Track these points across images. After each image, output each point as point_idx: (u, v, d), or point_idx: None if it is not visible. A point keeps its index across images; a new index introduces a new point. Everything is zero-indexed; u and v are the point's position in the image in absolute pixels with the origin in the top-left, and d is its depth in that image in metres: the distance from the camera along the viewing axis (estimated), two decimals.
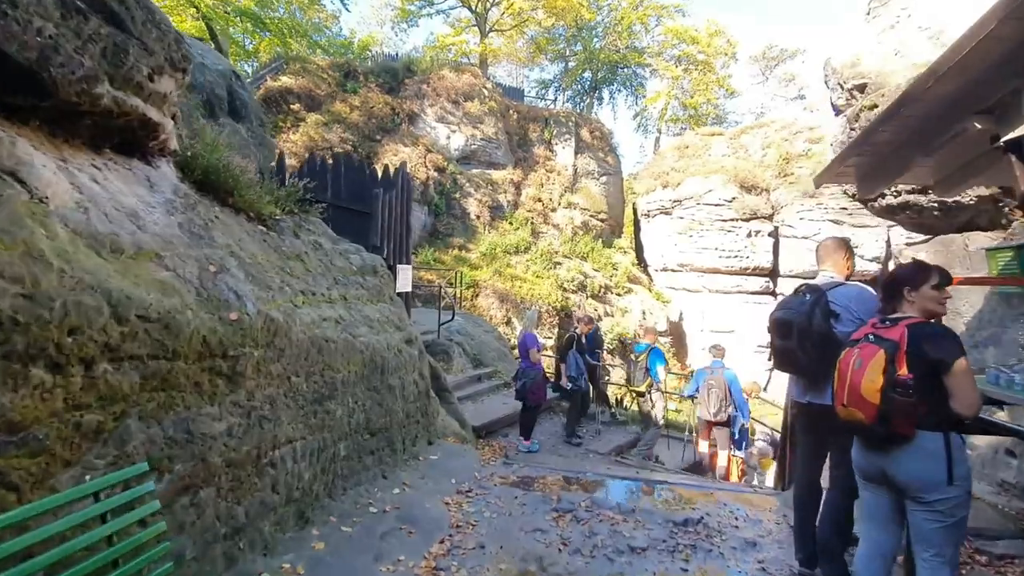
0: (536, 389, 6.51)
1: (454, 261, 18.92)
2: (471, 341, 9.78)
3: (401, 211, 5.92)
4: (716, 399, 6.60)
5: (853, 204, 21.07)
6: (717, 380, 6.74)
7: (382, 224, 5.58)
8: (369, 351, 3.98)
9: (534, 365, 6.55)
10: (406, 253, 6.11)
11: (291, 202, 4.70)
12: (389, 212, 5.71)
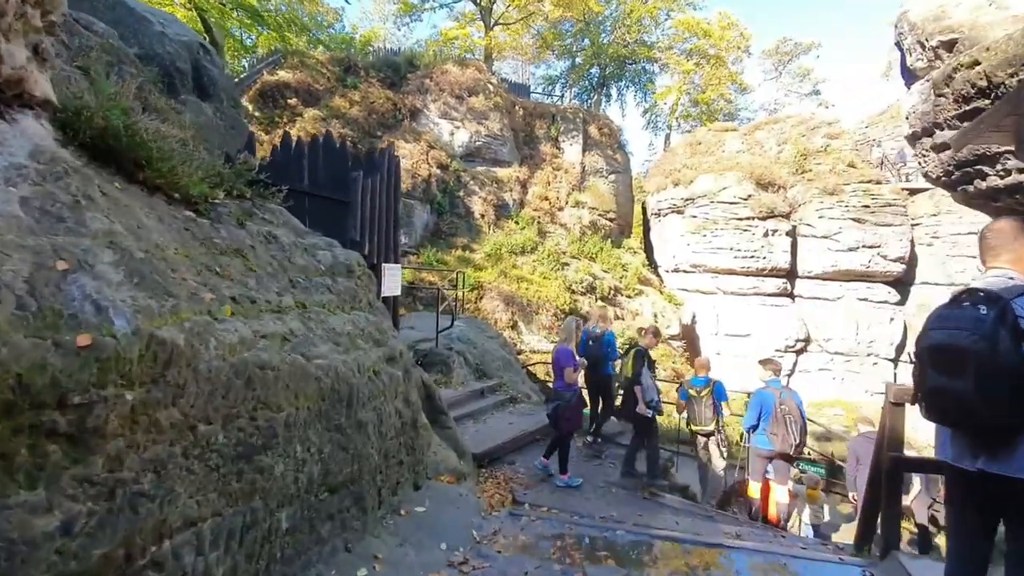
0: (571, 415, 5.48)
1: (457, 262, 17.91)
2: (473, 349, 8.75)
3: (388, 200, 4.92)
4: (795, 428, 5.47)
5: (876, 201, 19.95)
6: (790, 405, 5.55)
7: (363, 214, 4.59)
8: (331, 377, 2.95)
9: (570, 386, 5.49)
10: (394, 250, 5.09)
11: (241, 183, 3.69)
12: (372, 200, 4.71)
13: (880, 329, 20.00)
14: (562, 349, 5.64)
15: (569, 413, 5.47)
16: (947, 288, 19.73)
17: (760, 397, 5.76)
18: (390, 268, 4.96)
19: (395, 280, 5.02)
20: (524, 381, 9.02)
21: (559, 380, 5.61)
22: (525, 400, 7.71)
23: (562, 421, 5.48)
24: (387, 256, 4.92)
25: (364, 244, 4.51)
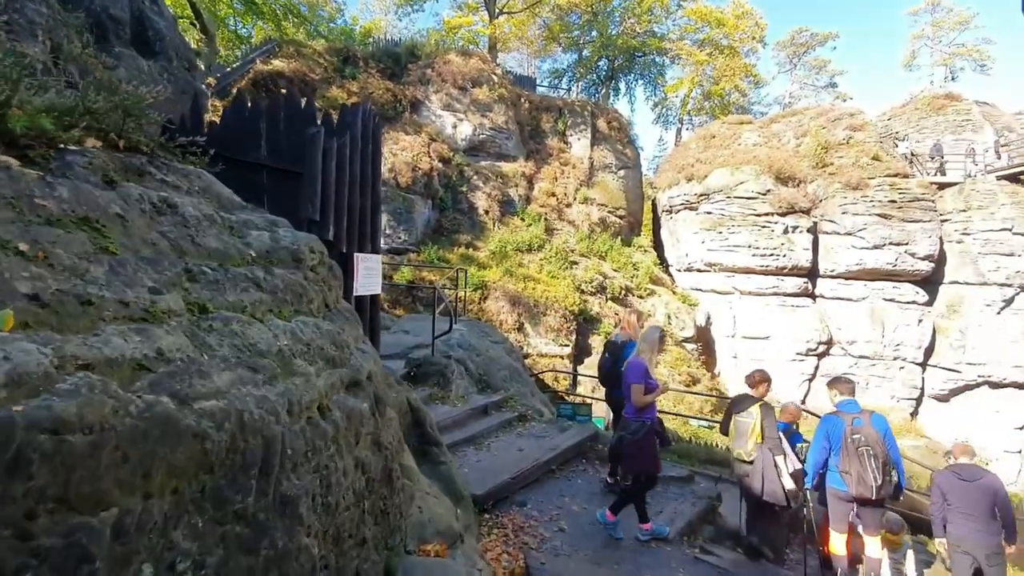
0: (640, 452, 4.20)
1: (460, 260, 16.72)
2: (475, 357, 7.54)
3: (364, 170, 3.73)
4: (875, 463, 4.13)
5: (903, 196, 18.63)
6: (868, 434, 4.20)
7: (325, 187, 3.38)
8: (228, 430, 1.74)
9: (640, 413, 4.25)
10: (372, 236, 3.86)
11: (133, 130, 2.50)
12: (340, 169, 3.51)
13: (907, 331, 18.65)
14: (634, 363, 4.31)
15: (636, 448, 4.18)
16: (979, 288, 18.40)
17: (826, 425, 4.47)
18: (366, 259, 3.77)
19: (373, 275, 3.82)
20: (534, 393, 7.80)
21: (628, 404, 4.38)
22: (536, 418, 6.49)
23: (630, 459, 4.20)
24: (362, 243, 3.72)
25: (327, 226, 3.31)
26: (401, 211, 16.22)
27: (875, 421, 4.34)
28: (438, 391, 6.32)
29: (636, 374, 4.24)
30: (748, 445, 4.50)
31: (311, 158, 3.30)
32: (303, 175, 3.29)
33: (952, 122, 20.24)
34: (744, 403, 4.67)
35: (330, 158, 3.39)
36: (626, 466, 4.31)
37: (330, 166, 3.37)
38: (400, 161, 16.65)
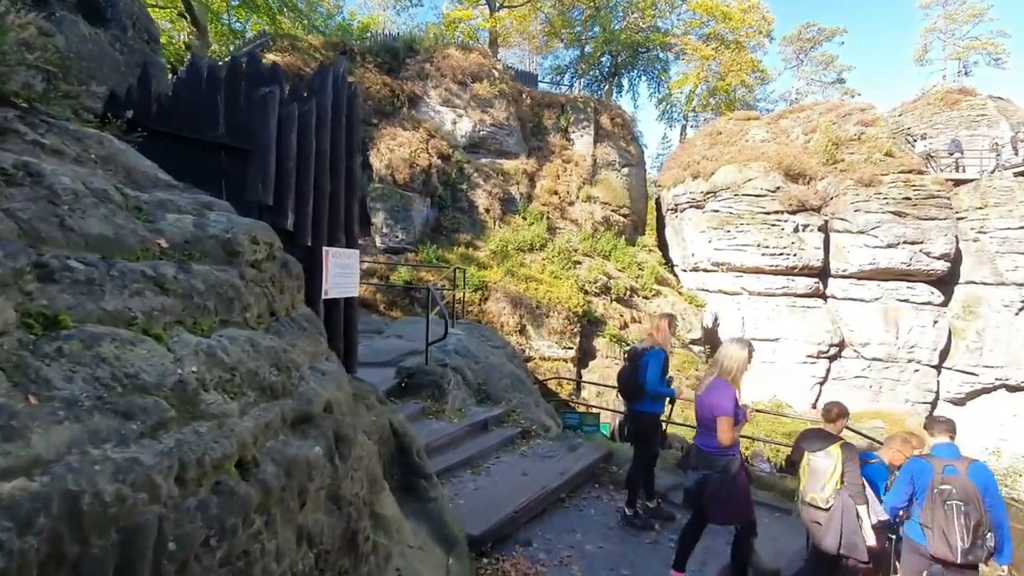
0: (740, 491, 3.52)
1: (460, 260, 16.02)
2: (474, 364, 6.84)
3: (337, 147, 3.04)
4: (964, 522, 3.39)
5: (918, 193, 17.90)
6: (962, 486, 3.48)
7: (282, 163, 2.68)
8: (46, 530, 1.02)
9: (727, 449, 3.49)
10: (347, 227, 3.15)
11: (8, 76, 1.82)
12: (304, 143, 2.83)
13: (922, 333, 17.92)
14: (717, 385, 3.54)
15: (728, 491, 3.44)
16: (996, 288, 17.67)
17: (912, 469, 3.75)
18: (340, 255, 3.07)
19: (348, 273, 3.13)
20: (538, 403, 7.10)
21: (703, 434, 3.63)
22: (541, 434, 5.79)
23: (718, 505, 3.48)
24: (334, 236, 3.02)
25: (284, 213, 2.60)
26: (398, 209, 15.53)
27: (974, 473, 3.57)
28: (432, 404, 5.63)
29: (725, 403, 3.43)
30: (826, 490, 3.76)
31: (262, 126, 2.61)
32: (250, 151, 2.60)
33: (967, 117, 19.52)
34: (820, 441, 3.92)
35: (289, 128, 2.70)
36: (716, 514, 3.52)
37: (289, 138, 2.67)
38: (397, 157, 15.96)
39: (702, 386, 3.73)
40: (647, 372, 4.54)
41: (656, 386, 4.50)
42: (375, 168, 15.91)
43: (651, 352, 4.63)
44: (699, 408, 3.68)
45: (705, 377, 3.77)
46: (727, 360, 3.61)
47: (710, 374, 3.71)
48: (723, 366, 3.61)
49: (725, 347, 3.72)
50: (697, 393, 3.74)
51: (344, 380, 2.41)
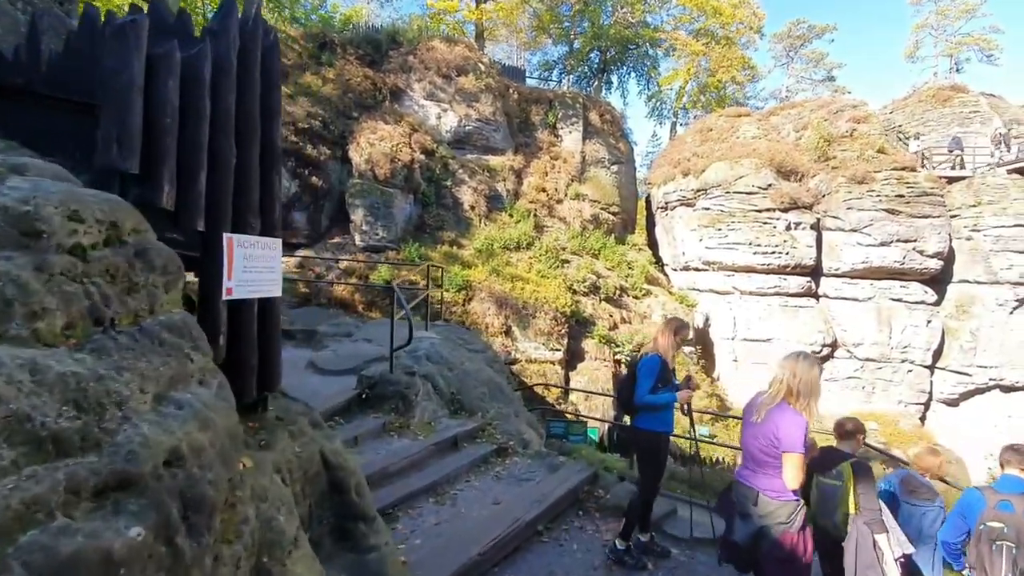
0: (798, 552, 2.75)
1: (444, 258, 15.33)
2: (448, 372, 6.16)
3: (247, 108, 2.38)
4: (1013, 569, 2.83)
5: (911, 191, 17.47)
6: (1016, 524, 2.90)
7: (154, 119, 2.02)
8: None
9: (792, 493, 2.79)
10: (264, 209, 2.45)
11: None
12: (192, 98, 2.16)
13: (915, 332, 17.50)
14: (784, 412, 2.77)
15: (787, 550, 2.72)
16: (990, 287, 17.29)
17: (966, 500, 3.13)
18: (249, 244, 2.39)
19: (263, 268, 2.44)
20: (519, 413, 6.43)
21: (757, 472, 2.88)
22: (519, 451, 5.11)
23: (771, 566, 2.78)
24: (244, 219, 2.33)
25: (158, 184, 1.90)
26: (379, 205, 14.80)
27: None
28: (395, 419, 4.94)
29: (796, 435, 2.69)
30: (836, 517, 3.14)
31: (118, 66, 1.91)
32: (105, 101, 1.91)
33: (959, 114, 19.15)
34: (831, 460, 3.30)
35: (166, 74, 2.02)
36: (772, 572, 2.81)
37: (165, 87, 1.99)
38: (378, 152, 15.23)
39: (758, 411, 2.93)
40: (638, 382, 3.93)
41: (643, 397, 3.85)
42: (354, 163, 15.17)
43: (644, 360, 4.00)
44: (752, 439, 2.90)
45: (760, 400, 2.97)
46: (797, 381, 2.78)
47: (770, 398, 2.88)
48: (791, 388, 2.78)
49: (791, 364, 2.89)
50: (752, 419, 2.95)
51: (218, 413, 1.72)
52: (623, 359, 15.75)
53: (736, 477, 3.08)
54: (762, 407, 2.91)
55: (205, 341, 1.98)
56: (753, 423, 2.94)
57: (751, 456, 2.95)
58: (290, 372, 6.72)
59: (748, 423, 3.00)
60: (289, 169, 14.11)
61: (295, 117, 14.68)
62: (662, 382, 3.85)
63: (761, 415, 2.88)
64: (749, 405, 3.11)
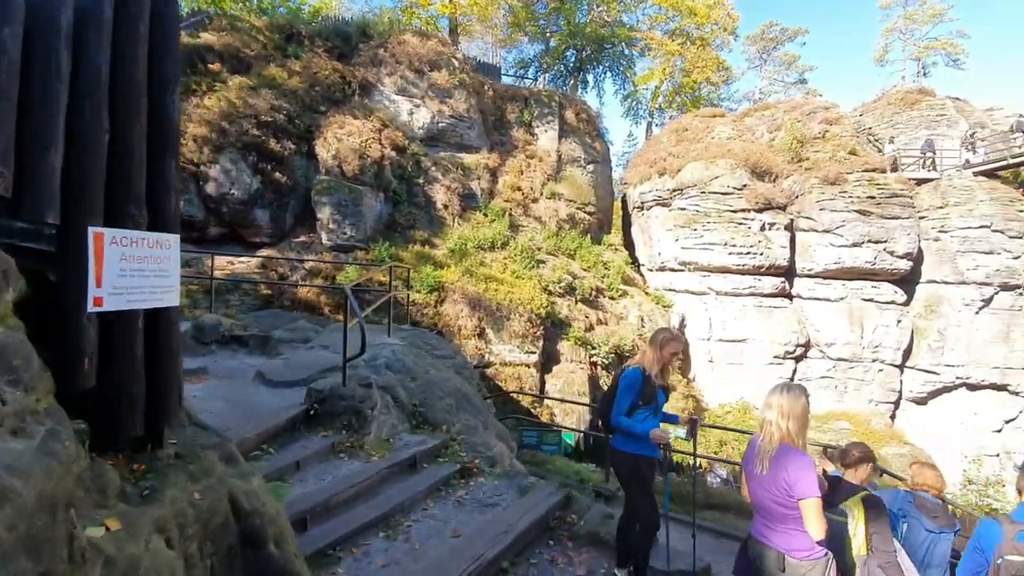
0: None
1: (416, 258, 14.76)
2: (410, 382, 5.66)
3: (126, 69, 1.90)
4: None
5: (882, 192, 17.58)
6: None
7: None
8: None
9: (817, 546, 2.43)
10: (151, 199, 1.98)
11: None
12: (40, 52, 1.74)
13: (886, 332, 17.63)
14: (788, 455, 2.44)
15: None
16: (957, 287, 17.51)
17: (981, 531, 2.77)
18: (131, 242, 1.88)
19: (153, 273, 1.94)
20: (488, 425, 5.96)
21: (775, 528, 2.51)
22: (485, 470, 4.63)
23: None
24: (120, 210, 1.81)
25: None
26: (347, 203, 14.15)
27: None
28: (347, 437, 4.42)
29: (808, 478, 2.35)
30: (845, 557, 2.74)
31: None
32: None
33: (927, 117, 19.40)
34: (838, 493, 2.91)
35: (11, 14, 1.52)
36: None
37: None
38: (346, 147, 14.57)
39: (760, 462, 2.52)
40: (616, 396, 3.51)
41: (617, 418, 3.41)
42: (321, 159, 14.49)
43: (625, 373, 3.57)
44: (763, 492, 2.53)
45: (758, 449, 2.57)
46: (787, 421, 2.47)
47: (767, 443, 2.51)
48: (784, 429, 2.47)
49: (776, 400, 2.53)
50: (756, 471, 2.56)
51: (34, 477, 1.21)
52: (599, 361, 15.44)
53: (753, 535, 2.66)
54: (763, 456, 2.53)
55: (34, 371, 1.46)
56: (758, 475, 2.55)
57: (766, 510, 2.56)
58: (236, 385, 6.13)
59: (752, 475, 2.61)
60: (251, 164, 13.37)
61: (257, 110, 13.93)
62: (643, 400, 3.41)
63: (765, 466, 2.51)
64: (749, 455, 2.72)
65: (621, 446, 3.49)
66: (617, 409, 3.41)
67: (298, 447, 4.12)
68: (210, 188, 12.93)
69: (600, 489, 6.58)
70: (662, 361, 3.53)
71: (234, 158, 13.10)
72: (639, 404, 3.39)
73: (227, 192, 12.99)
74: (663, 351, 3.51)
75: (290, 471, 3.79)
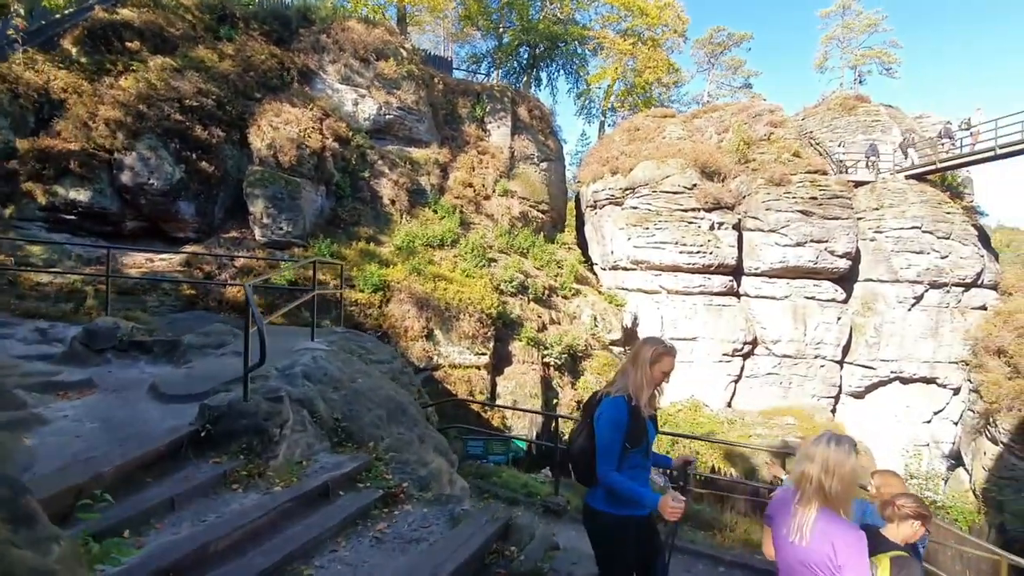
0: None
1: (360, 256, 13.88)
2: (333, 393, 4.93)
3: None
4: None
5: (823, 193, 18.01)
6: None
7: None
8: None
9: None
10: None
11: None
12: None
13: (827, 329, 18.09)
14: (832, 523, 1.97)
15: None
16: (891, 285, 18.14)
17: None
18: None
19: None
20: (424, 438, 5.31)
21: None
22: (414, 494, 3.97)
23: None
24: None
25: None
26: (283, 196, 13.09)
27: None
28: (246, 463, 3.67)
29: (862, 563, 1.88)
30: None
31: None
32: None
33: (863, 123, 20.09)
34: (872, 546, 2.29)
35: None
36: None
37: None
38: (282, 136, 13.50)
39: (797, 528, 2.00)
40: (598, 444, 2.52)
41: (606, 476, 2.45)
42: (255, 148, 13.36)
43: (605, 404, 2.56)
44: (796, 562, 2.03)
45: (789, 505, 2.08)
46: (832, 480, 1.97)
47: (804, 505, 2.01)
48: (825, 489, 1.98)
49: (822, 453, 2.01)
50: (790, 538, 2.05)
51: None
52: (552, 361, 14.99)
53: None
54: (801, 522, 2.02)
55: None
56: (793, 544, 2.04)
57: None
58: (124, 400, 5.19)
59: (786, 543, 2.09)
60: (173, 152, 12.12)
61: (182, 93, 12.66)
62: (631, 442, 2.49)
63: (805, 536, 1.99)
64: (777, 511, 2.20)
65: (606, 506, 2.55)
66: (604, 460, 2.46)
67: (178, 479, 3.35)
68: (125, 177, 11.60)
69: (549, 503, 6.07)
70: (653, 383, 2.60)
71: (153, 144, 11.81)
72: (626, 447, 2.49)
73: (145, 182, 11.69)
74: (653, 369, 2.56)
75: (160, 513, 3.03)
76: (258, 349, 3.77)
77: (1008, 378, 14.45)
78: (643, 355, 2.58)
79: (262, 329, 3.73)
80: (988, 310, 17.59)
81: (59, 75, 11.90)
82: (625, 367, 2.63)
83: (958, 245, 17.76)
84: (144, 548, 2.76)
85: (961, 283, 17.72)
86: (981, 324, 16.87)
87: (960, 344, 17.34)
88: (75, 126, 11.36)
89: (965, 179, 20.05)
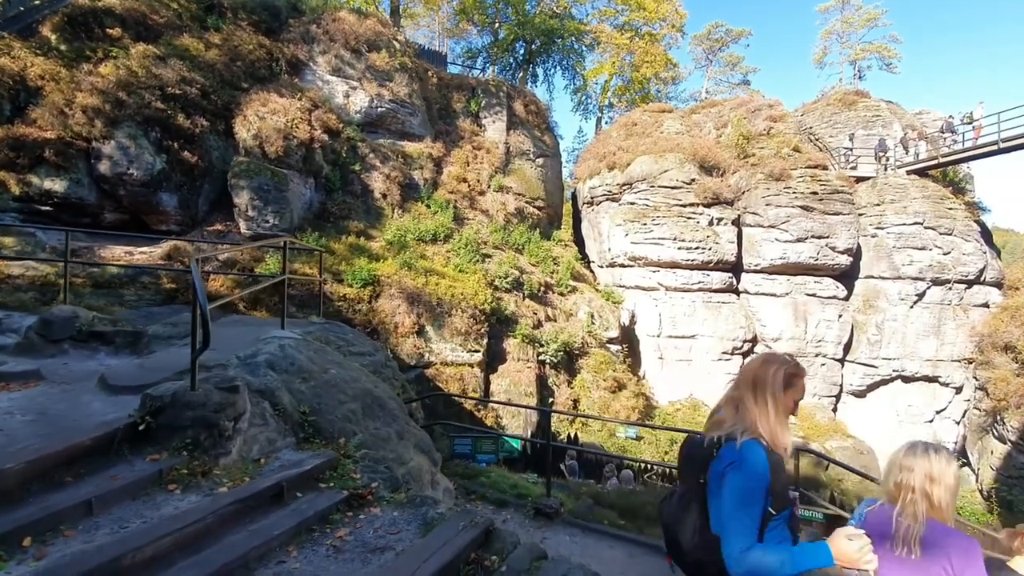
0: None
1: (349, 250, 13.41)
2: (300, 384, 4.45)
3: None
4: None
5: (824, 188, 17.60)
6: None
7: None
8: None
9: None
10: None
11: None
12: None
13: (828, 327, 17.65)
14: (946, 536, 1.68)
15: None
16: (893, 282, 17.72)
17: None
18: None
19: None
20: (404, 434, 4.83)
21: None
22: (384, 496, 3.50)
23: None
24: None
25: None
26: (269, 188, 12.61)
27: None
28: (189, 460, 3.19)
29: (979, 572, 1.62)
30: None
31: None
32: None
33: (863, 118, 19.69)
34: None
35: None
36: None
37: None
38: (269, 126, 13.03)
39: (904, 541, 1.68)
40: (723, 514, 1.71)
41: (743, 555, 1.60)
42: (240, 139, 12.90)
43: (731, 455, 1.73)
44: None
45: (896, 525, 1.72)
46: (940, 489, 1.72)
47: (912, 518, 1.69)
48: (932, 498, 1.71)
49: (924, 464, 1.74)
50: (895, 551, 1.71)
51: None
52: (547, 359, 14.50)
53: None
54: (910, 536, 1.72)
55: None
56: (902, 559, 1.73)
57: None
58: (68, 393, 4.68)
59: (891, 557, 1.73)
60: (154, 141, 11.64)
61: (164, 81, 12.19)
62: (776, 505, 1.70)
63: (916, 549, 1.71)
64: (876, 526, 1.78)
65: None
66: (737, 535, 1.64)
67: (103, 478, 2.87)
68: (104, 167, 11.11)
69: (541, 505, 5.58)
70: (787, 412, 1.83)
71: (133, 133, 11.33)
72: (770, 514, 1.70)
73: (124, 172, 11.21)
74: (788, 395, 1.82)
75: (74, 518, 2.55)
76: (203, 333, 3.28)
77: (1016, 375, 14.02)
78: (769, 378, 1.79)
79: (205, 310, 3.24)
80: (991, 307, 17.18)
81: (36, 62, 11.42)
82: (740, 396, 1.84)
83: (960, 241, 17.36)
84: (44, 559, 2.28)
85: (964, 280, 17.31)
86: (987, 320, 16.44)
87: (963, 342, 16.92)
88: (51, 114, 10.88)
89: (967, 175, 19.68)
